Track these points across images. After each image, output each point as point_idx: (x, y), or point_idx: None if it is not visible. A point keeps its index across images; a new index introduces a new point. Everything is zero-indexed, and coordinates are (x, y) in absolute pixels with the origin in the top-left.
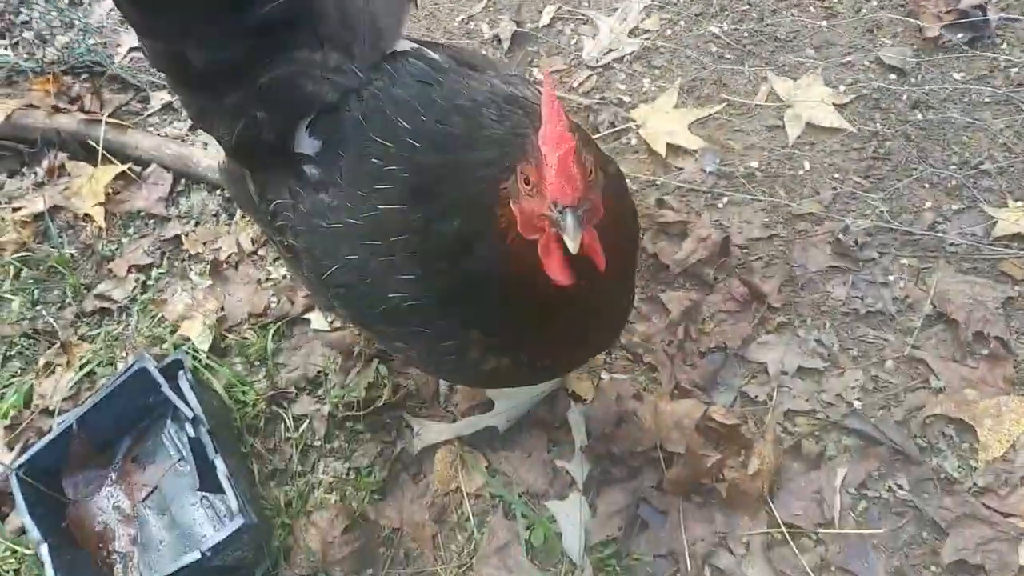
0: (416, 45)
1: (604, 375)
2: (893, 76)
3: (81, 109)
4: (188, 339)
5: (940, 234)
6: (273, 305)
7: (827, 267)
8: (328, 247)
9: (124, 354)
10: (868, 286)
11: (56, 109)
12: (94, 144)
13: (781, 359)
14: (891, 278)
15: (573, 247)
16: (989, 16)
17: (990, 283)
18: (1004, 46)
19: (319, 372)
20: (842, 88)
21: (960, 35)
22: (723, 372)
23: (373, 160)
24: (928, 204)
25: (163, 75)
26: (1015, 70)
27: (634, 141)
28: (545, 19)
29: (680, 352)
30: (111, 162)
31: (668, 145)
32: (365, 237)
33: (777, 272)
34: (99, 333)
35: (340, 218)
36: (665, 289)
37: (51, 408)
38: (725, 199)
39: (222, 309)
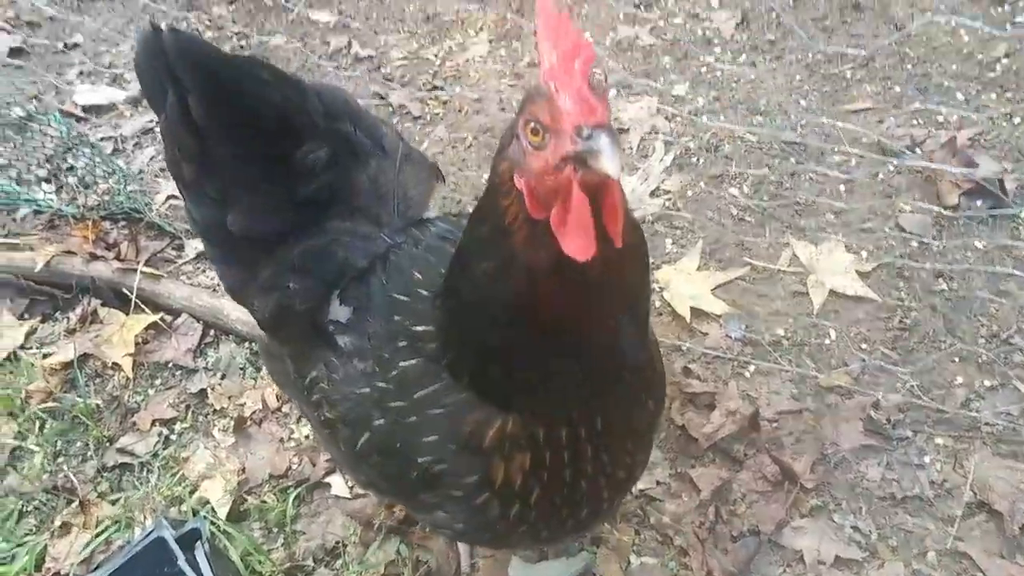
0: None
1: (633, 558)
2: (915, 244)
3: (118, 256)
4: (207, 502)
5: (974, 413)
6: (295, 466)
7: (860, 445)
8: (360, 414)
9: (143, 517)
10: (903, 468)
11: (93, 256)
12: (128, 293)
13: (817, 547)
14: (927, 459)
15: (614, 169)
16: (1007, 185)
17: None
18: (1023, 215)
19: (337, 543)
20: (864, 255)
21: (979, 202)
22: (757, 559)
23: (395, 318)
24: (960, 380)
25: (203, 243)
26: None
27: (658, 303)
28: None
29: (711, 535)
30: (143, 311)
31: (692, 309)
32: (391, 399)
33: (808, 449)
34: (119, 493)
35: (371, 383)
36: (695, 464)
37: (63, 572)
38: (752, 367)
39: (243, 470)
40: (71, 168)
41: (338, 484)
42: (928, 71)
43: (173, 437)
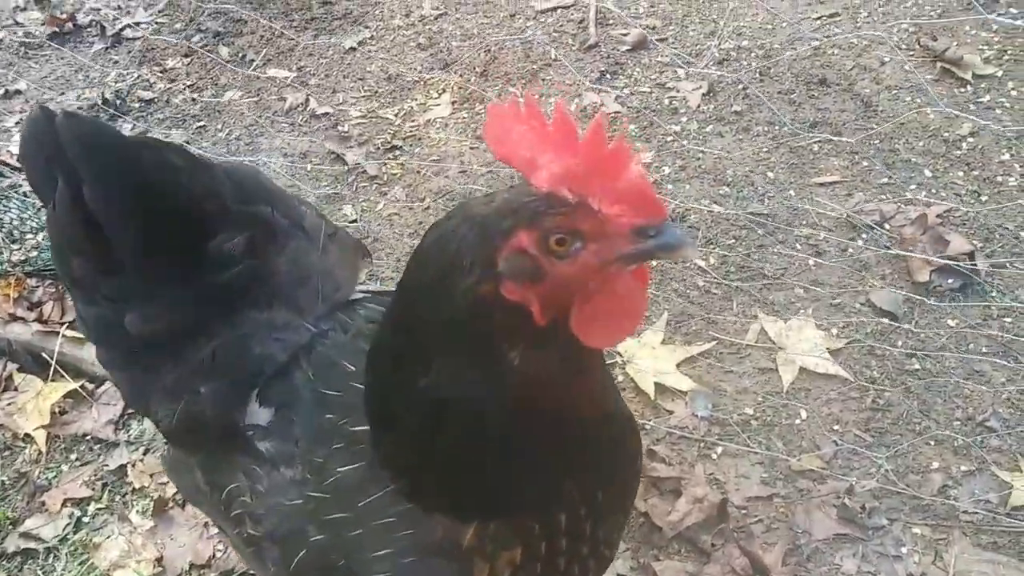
0: (371, 292)
1: None
2: (886, 320)
3: (39, 318)
4: None
5: (952, 501)
6: (219, 554)
7: (834, 535)
8: (292, 529)
9: None
10: (880, 559)
11: (12, 317)
12: (47, 357)
13: None
14: (904, 550)
15: (695, 254)
16: (978, 264)
17: (1014, 562)
18: (995, 293)
19: None
20: (834, 331)
21: (951, 280)
22: None
23: (327, 416)
24: (935, 464)
25: (96, 348)
26: (1009, 319)
27: (621, 377)
28: None
29: None
30: (63, 377)
31: (657, 385)
32: (329, 510)
33: (780, 538)
34: None
35: (302, 492)
36: (659, 556)
37: None
38: (720, 449)
39: (161, 559)
40: None
41: None
42: (895, 147)
43: (86, 519)
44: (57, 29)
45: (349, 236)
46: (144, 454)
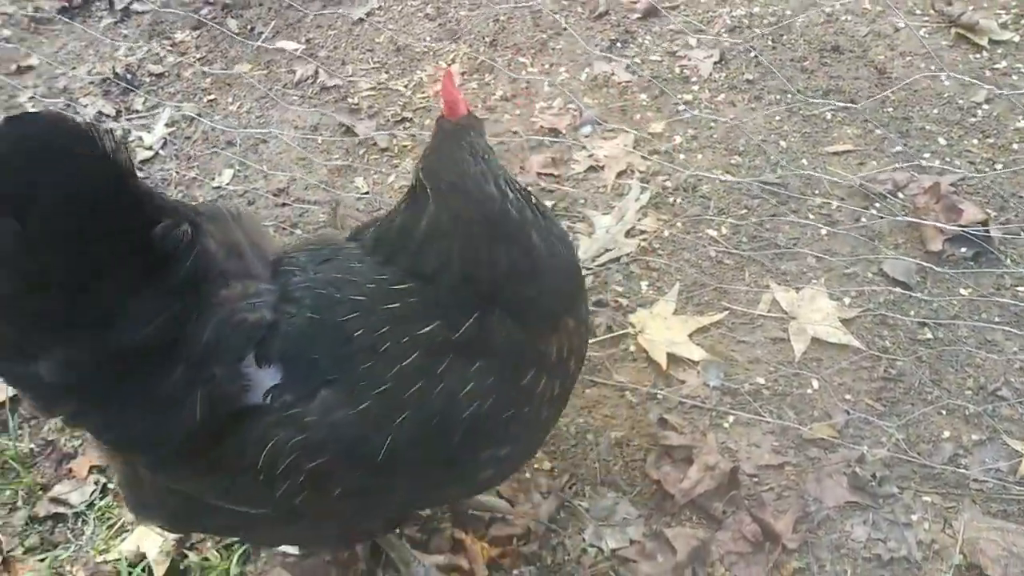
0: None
1: None
2: (898, 290)
3: None
4: (144, 558)
5: (963, 469)
6: None
7: (844, 503)
8: (379, 414)
9: (73, 571)
10: (890, 527)
11: None
12: None
13: None
14: (914, 518)
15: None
16: (991, 232)
17: (1023, 530)
18: (1009, 262)
19: None
20: (847, 301)
21: (964, 249)
22: None
23: (353, 331)
24: (947, 433)
25: (62, 396)
26: (1022, 288)
27: (632, 348)
28: None
29: None
30: None
31: (669, 355)
32: (402, 389)
33: (790, 506)
34: (46, 553)
35: (370, 386)
36: (671, 523)
37: None
38: (731, 418)
39: None
40: None
41: None
42: (909, 115)
43: (111, 485)
44: (67, 4)
45: (251, 214)
46: None
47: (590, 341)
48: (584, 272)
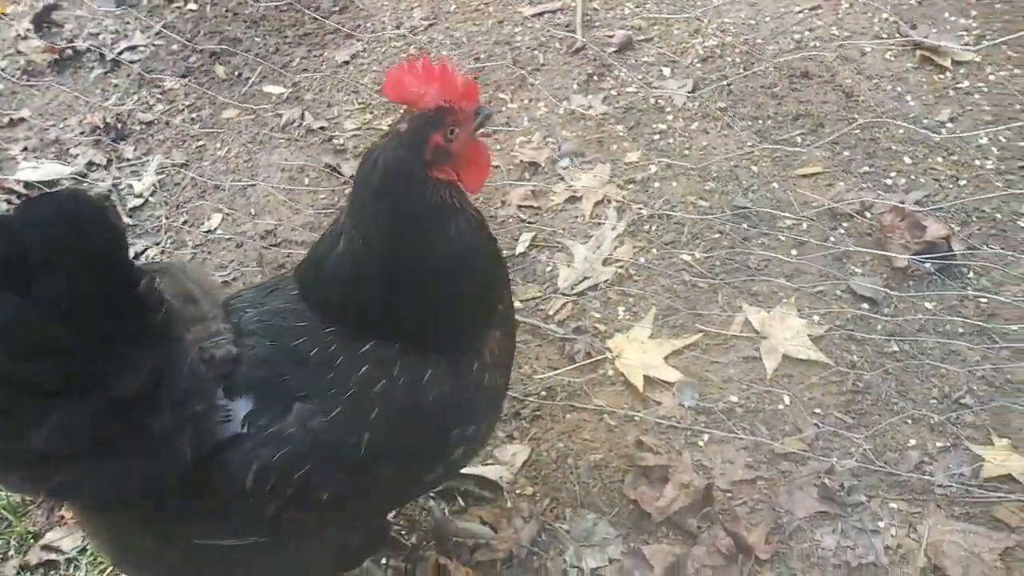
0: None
1: None
2: (866, 306)
3: None
4: None
5: (927, 476)
6: None
7: (814, 513)
8: (344, 429)
9: None
10: (858, 534)
11: None
12: None
13: None
14: (881, 524)
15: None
16: (954, 248)
17: (984, 531)
18: (971, 276)
19: None
20: (816, 319)
21: (928, 264)
22: None
23: (307, 351)
24: (912, 442)
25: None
26: (984, 300)
27: (611, 372)
28: (521, 247)
29: None
30: None
31: (646, 378)
32: (365, 398)
33: (763, 519)
34: None
35: (332, 401)
36: (648, 540)
37: None
38: (706, 437)
39: None
40: None
41: None
42: (876, 136)
43: None
44: (58, 56)
45: (195, 265)
46: None
47: (570, 368)
48: (563, 299)
